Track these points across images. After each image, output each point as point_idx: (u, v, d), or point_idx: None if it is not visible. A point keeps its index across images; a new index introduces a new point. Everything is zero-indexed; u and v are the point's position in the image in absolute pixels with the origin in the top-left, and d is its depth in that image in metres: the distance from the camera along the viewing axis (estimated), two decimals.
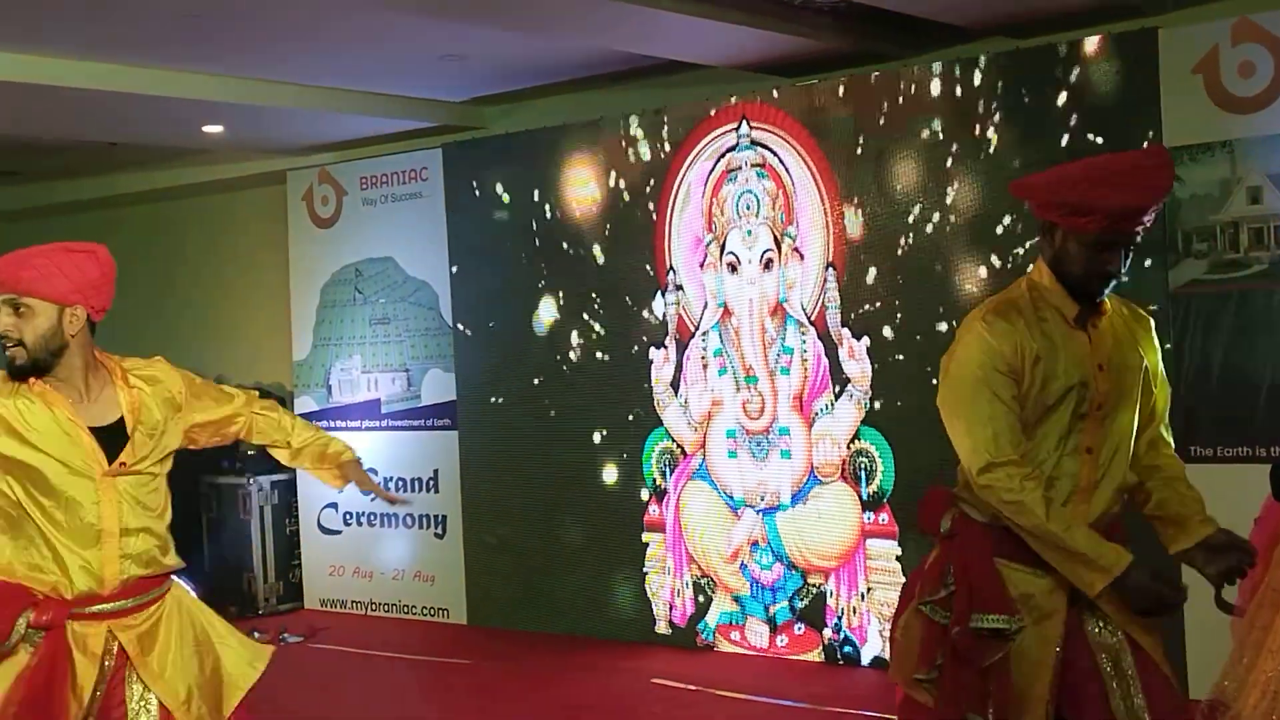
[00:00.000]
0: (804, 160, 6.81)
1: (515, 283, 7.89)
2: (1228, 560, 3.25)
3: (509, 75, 7.77)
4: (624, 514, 7.51)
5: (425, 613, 8.43)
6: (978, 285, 6.27)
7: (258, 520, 8.80)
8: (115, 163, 9.79)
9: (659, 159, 7.30)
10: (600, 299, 7.56)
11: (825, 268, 6.76)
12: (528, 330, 7.85)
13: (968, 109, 6.32)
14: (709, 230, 7.14)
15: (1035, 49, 6.24)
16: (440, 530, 8.36)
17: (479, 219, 8.06)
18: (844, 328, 6.70)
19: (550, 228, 7.74)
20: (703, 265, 7.17)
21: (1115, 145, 5.68)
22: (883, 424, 6.61)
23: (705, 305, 7.18)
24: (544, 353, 7.78)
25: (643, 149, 7.36)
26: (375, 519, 8.62)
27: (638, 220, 7.39)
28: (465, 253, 8.15)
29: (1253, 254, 5.66)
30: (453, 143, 8.28)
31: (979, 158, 6.30)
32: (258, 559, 8.79)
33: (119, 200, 10.32)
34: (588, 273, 7.60)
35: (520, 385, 7.90)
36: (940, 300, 6.40)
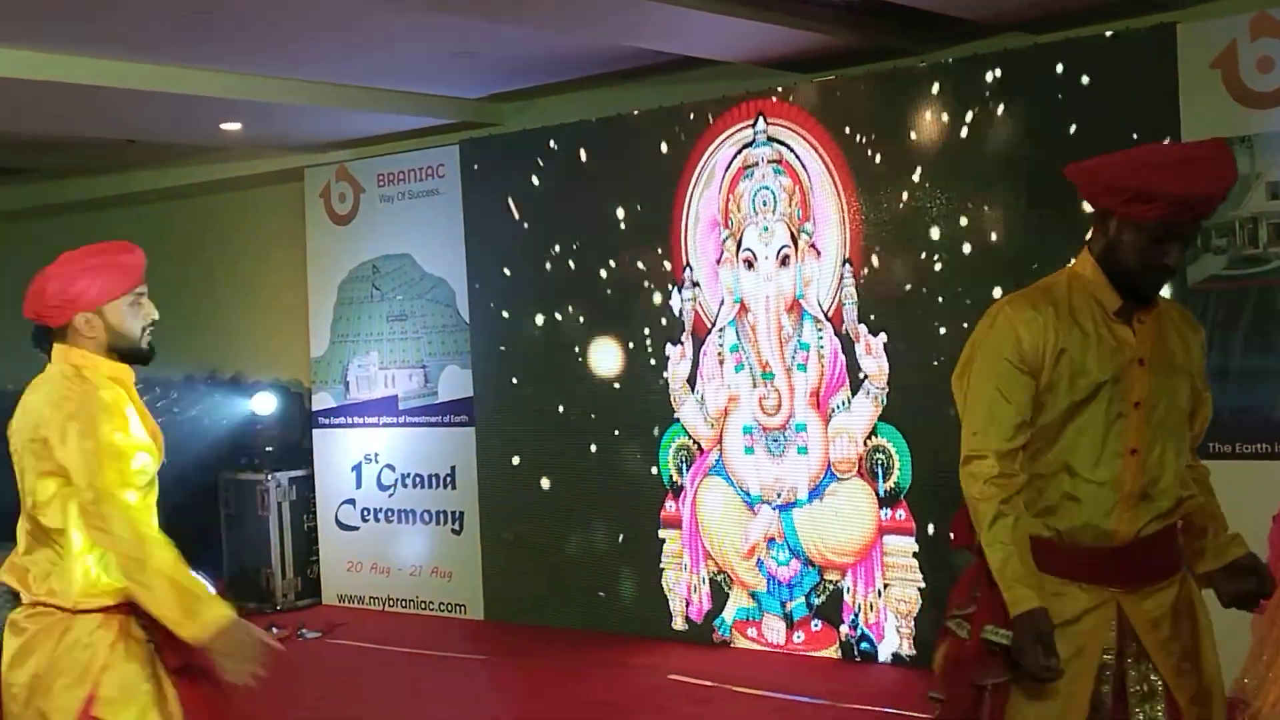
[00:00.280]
0: (820, 156, 6.80)
1: (532, 279, 7.90)
2: (1246, 585, 3.14)
3: (525, 72, 7.77)
4: (640, 510, 7.51)
5: (442, 608, 8.45)
6: (995, 282, 6.25)
7: (276, 516, 8.81)
8: (133, 160, 9.82)
9: (675, 155, 7.29)
10: (617, 295, 7.57)
11: (842, 264, 6.75)
12: (545, 326, 7.86)
13: (983, 104, 6.30)
14: (725, 226, 7.14)
15: (1052, 44, 6.21)
16: (457, 526, 8.38)
17: (495, 215, 8.08)
18: (861, 324, 6.70)
19: (566, 224, 7.74)
20: (719, 261, 7.17)
21: (1133, 142, 5.65)
22: (899, 420, 6.60)
23: (722, 301, 7.18)
24: (560, 349, 7.79)
25: (659, 145, 7.36)
26: (393, 515, 8.64)
27: (654, 217, 7.39)
28: (482, 249, 8.16)
29: (1272, 249, 5.64)
30: (469, 139, 8.28)
31: (995, 153, 6.28)
32: (276, 555, 8.80)
33: (137, 198, 10.35)
34: (605, 269, 7.60)
35: (537, 381, 7.91)
36: (958, 297, 6.39)
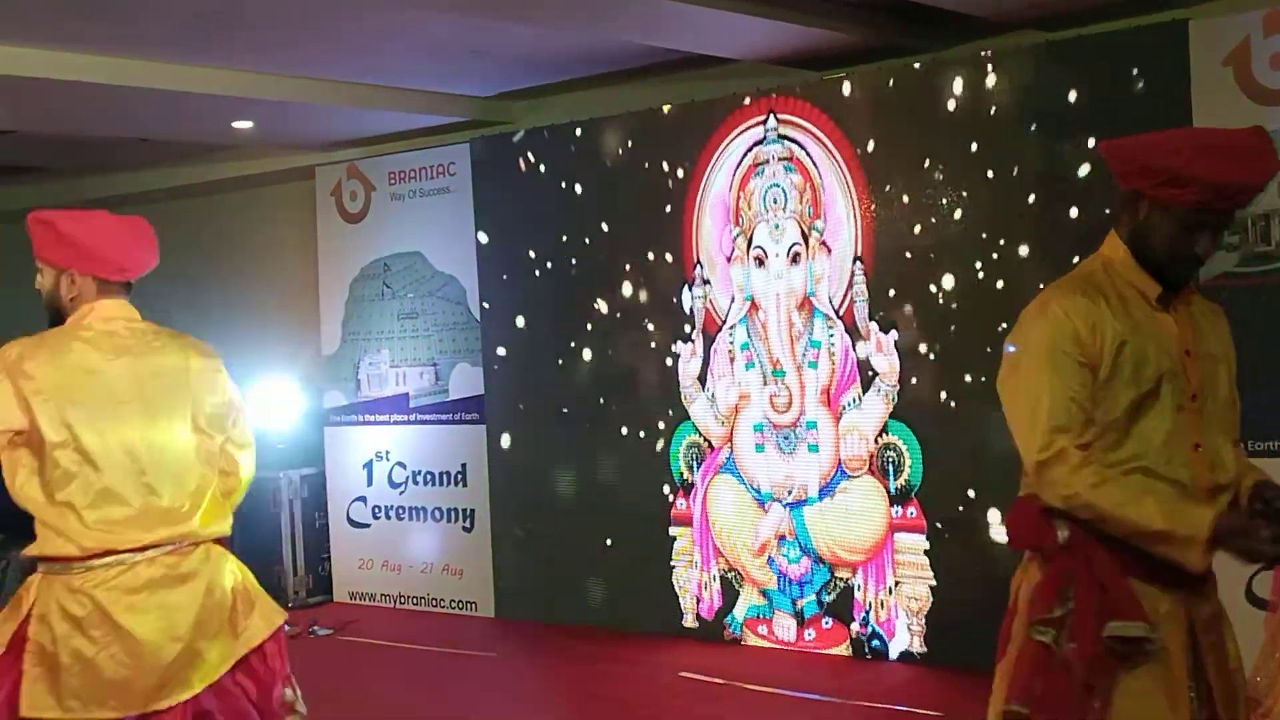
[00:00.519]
0: (831, 154, 6.80)
1: (542, 277, 7.91)
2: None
3: (536, 70, 7.78)
4: (651, 508, 7.52)
5: (453, 606, 8.46)
6: (1007, 278, 6.25)
7: (287, 513, 8.83)
8: (146, 159, 9.85)
9: (686, 153, 7.30)
10: (627, 292, 7.57)
11: (853, 261, 6.75)
12: (555, 324, 7.87)
13: (994, 102, 6.30)
14: (736, 224, 7.14)
15: (1063, 42, 6.20)
16: (468, 524, 8.39)
17: (506, 213, 8.08)
18: (872, 321, 6.69)
19: (577, 222, 7.75)
20: (730, 259, 7.17)
21: None
22: (910, 418, 6.60)
23: (732, 299, 7.18)
24: (570, 346, 7.79)
25: (670, 142, 7.37)
26: (404, 513, 8.65)
27: (665, 214, 7.39)
28: (493, 247, 8.17)
29: None
30: (480, 138, 8.30)
31: (1006, 151, 6.27)
32: (287, 552, 8.83)
33: (149, 196, 10.37)
34: (615, 267, 7.61)
35: (547, 378, 7.92)
36: (969, 294, 6.38)
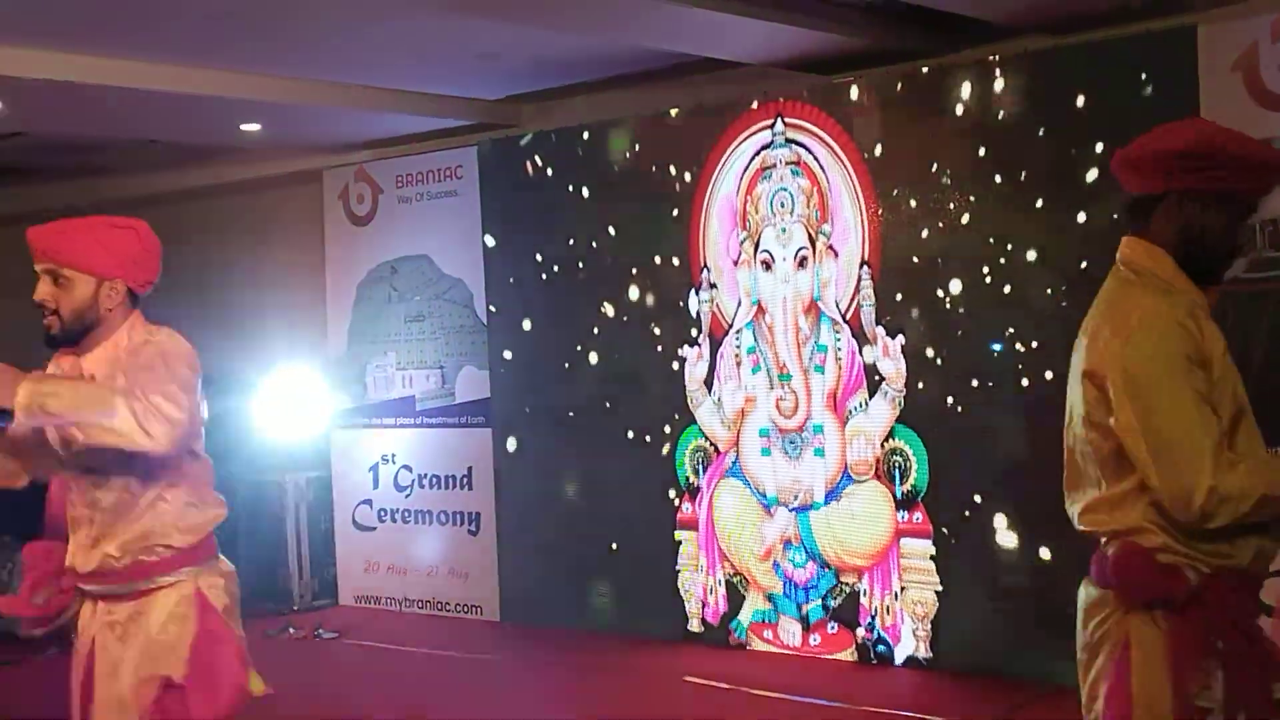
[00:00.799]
0: (839, 157, 6.79)
1: (549, 280, 7.91)
2: None
3: (544, 73, 7.78)
4: (657, 512, 7.51)
5: (459, 609, 8.46)
6: (1014, 283, 6.24)
7: (293, 517, 8.83)
8: (154, 161, 9.86)
9: (693, 156, 7.29)
10: (634, 296, 7.57)
11: (860, 266, 6.74)
12: (561, 327, 7.87)
13: (1002, 106, 6.29)
14: (743, 228, 7.13)
15: (1071, 46, 6.19)
16: (474, 527, 8.39)
17: (513, 216, 8.08)
18: (878, 326, 6.68)
19: (585, 225, 7.74)
20: (737, 263, 7.16)
21: None
22: (917, 423, 6.59)
23: (739, 303, 7.17)
24: (577, 350, 7.79)
25: (677, 146, 7.36)
26: (410, 516, 8.65)
27: (672, 217, 7.39)
28: (500, 250, 8.17)
29: None
30: (487, 141, 8.30)
31: (1013, 155, 6.26)
32: (293, 555, 8.83)
33: (157, 198, 10.38)
34: (621, 270, 7.60)
35: (553, 382, 7.91)
36: (976, 299, 6.37)
